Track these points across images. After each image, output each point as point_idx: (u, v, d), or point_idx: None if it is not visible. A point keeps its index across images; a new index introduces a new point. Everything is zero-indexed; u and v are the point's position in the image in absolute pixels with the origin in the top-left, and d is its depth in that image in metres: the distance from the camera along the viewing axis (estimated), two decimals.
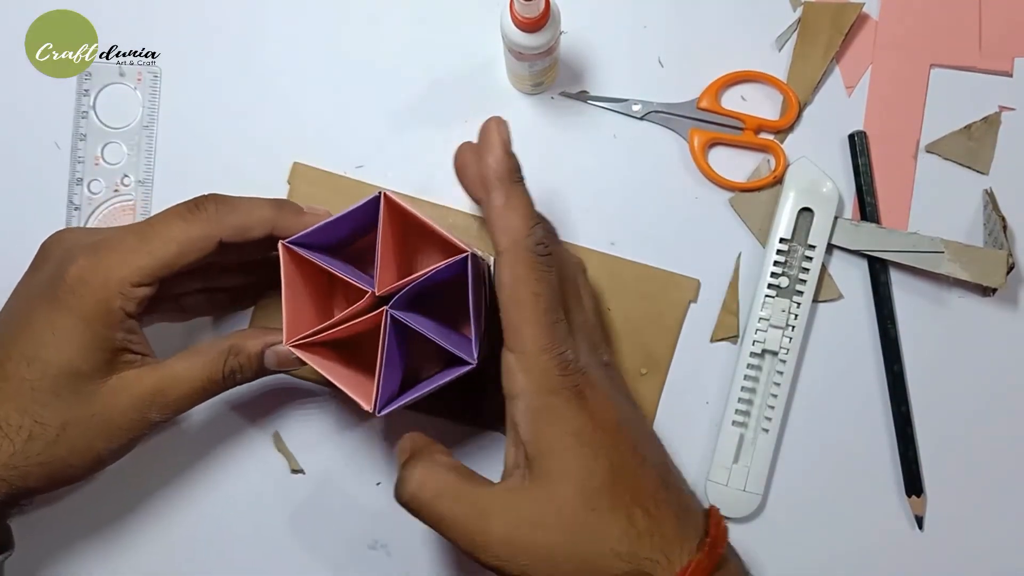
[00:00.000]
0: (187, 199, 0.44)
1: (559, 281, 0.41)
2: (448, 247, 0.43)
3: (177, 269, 0.43)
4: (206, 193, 0.45)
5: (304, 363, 0.43)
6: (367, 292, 0.43)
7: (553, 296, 0.39)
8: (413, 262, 0.51)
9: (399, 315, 0.42)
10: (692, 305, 0.53)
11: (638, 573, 0.38)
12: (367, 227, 0.43)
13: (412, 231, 0.49)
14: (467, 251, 0.42)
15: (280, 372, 0.47)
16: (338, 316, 0.43)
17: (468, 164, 0.42)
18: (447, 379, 0.44)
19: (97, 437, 0.42)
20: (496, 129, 0.40)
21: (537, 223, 0.40)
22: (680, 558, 0.38)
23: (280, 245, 0.43)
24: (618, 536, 0.38)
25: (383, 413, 0.42)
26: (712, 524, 0.40)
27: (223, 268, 0.50)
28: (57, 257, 0.43)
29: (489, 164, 0.40)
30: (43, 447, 0.41)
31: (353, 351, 0.47)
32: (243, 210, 0.44)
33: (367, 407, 0.42)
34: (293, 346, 0.43)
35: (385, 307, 0.42)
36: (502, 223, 0.39)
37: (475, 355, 0.43)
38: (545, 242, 0.39)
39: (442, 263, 0.42)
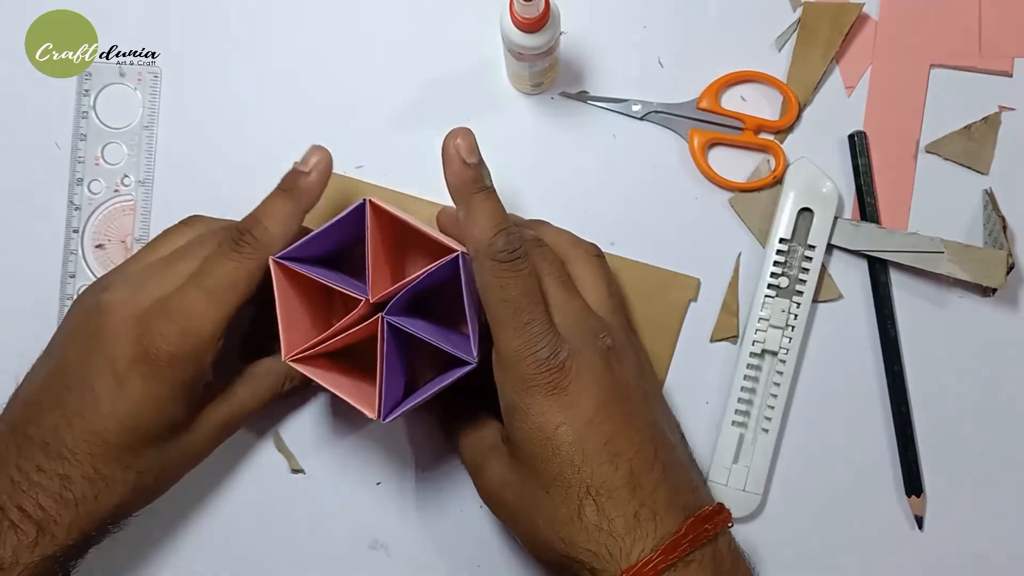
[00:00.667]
0: (226, 234, 0.45)
1: (543, 276, 0.43)
2: (440, 248, 0.43)
3: (243, 304, 0.44)
4: (229, 225, 0.47)
5: None
6: (362, 300, 0.43)
7: (524, 298, 0.41)
8: (407, 266, 0.51)
9: (395, 320, 0.42)
10: (692, 305, 0.53)
11: (575, 561, 0.40)
12: (363, 235, 0.43)
13: (405, 235, 0.48)
14: (457, 251, 0.42)
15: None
16: (334, 327, 0.43)
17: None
18: (450, 380, 0.44)
19: (184, 467, 0.47)
20: (452, 142, 0.41)
21: (500, 230, 0.41)
22: (627, 555, 0.39)
23: (271, 262, 0.43)
24: (563, 522, 0.40)
25: (388, 420, 0.42)
26: (685, 524, 0.39)
27: None
28: (127, 329, 0.43)
29: (447, 180, 0.42)
30: (145, 490, 0.45)
31: (356, 358, 0.47)
32: (269, 218, 0.45)
33: (371, 415, 0.42)
34: (292, 360, 0.43)
35: (380, 314, 0.42)
36: (467, 234, 0.42)
37: (474, 354, 0.43)
38: (509, 248, 0.41)
39: (432, 265, 0.42)
